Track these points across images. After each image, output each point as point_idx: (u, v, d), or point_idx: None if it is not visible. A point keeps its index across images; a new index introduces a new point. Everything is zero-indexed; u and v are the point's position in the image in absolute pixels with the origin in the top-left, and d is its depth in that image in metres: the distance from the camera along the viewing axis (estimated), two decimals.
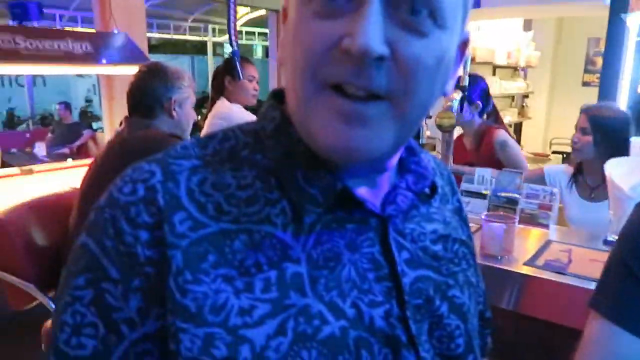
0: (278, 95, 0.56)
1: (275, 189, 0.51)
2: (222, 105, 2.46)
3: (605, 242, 1.58)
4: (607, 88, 2.86)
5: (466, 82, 1.99)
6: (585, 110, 1.96)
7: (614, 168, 1.49)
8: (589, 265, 1.38)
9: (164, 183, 0.48)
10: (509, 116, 5.14)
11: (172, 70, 1.83)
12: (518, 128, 5.71)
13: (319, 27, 0.44)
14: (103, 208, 0.49)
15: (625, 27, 2.75)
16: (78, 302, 0.47)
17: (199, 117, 2.71)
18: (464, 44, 0.52)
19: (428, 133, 2.04)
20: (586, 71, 5.87)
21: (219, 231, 0.48)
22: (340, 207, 0.51)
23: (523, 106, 5.56)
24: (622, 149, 1.86)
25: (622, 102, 2.80)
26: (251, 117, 1.28)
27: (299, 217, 0.50)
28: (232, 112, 2.41)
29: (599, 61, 4.91)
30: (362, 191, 0.54)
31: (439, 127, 1.97)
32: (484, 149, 2.36)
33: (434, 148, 3.07)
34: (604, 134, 1.88)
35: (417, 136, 2.05)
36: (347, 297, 0.49)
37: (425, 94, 0.47)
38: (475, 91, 2.33)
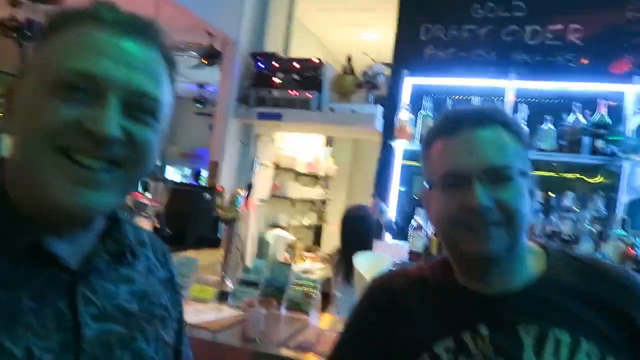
0: None
1: None
2: None
3: None
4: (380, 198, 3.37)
5: (253, 180, 2.21)
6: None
7: (360, 260, 1.77)
8: None
9: None
10: (308, 220, 5.59)
11: None
12: (318, 231, 6.21)
13: (61, 108, 0.56)
14: None
15: (393, 150, 3.34)
16: None
17: None
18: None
19: None
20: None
21: None
22: (32, 259, 0.58)
23: (322, 211, 6.11)
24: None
25: (393, 208, 3.32)
26: None
27: None
28: None
29: None
30: (62, 248, 0.61)
31: (224, 220, 2.11)
32: None
33: None
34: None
35: None
36: (20, 341, 0.54)
37: (150, 164, 0.63)
38: None
